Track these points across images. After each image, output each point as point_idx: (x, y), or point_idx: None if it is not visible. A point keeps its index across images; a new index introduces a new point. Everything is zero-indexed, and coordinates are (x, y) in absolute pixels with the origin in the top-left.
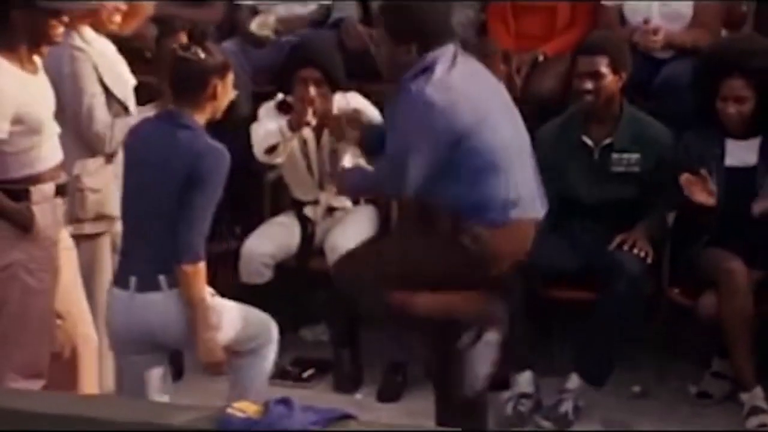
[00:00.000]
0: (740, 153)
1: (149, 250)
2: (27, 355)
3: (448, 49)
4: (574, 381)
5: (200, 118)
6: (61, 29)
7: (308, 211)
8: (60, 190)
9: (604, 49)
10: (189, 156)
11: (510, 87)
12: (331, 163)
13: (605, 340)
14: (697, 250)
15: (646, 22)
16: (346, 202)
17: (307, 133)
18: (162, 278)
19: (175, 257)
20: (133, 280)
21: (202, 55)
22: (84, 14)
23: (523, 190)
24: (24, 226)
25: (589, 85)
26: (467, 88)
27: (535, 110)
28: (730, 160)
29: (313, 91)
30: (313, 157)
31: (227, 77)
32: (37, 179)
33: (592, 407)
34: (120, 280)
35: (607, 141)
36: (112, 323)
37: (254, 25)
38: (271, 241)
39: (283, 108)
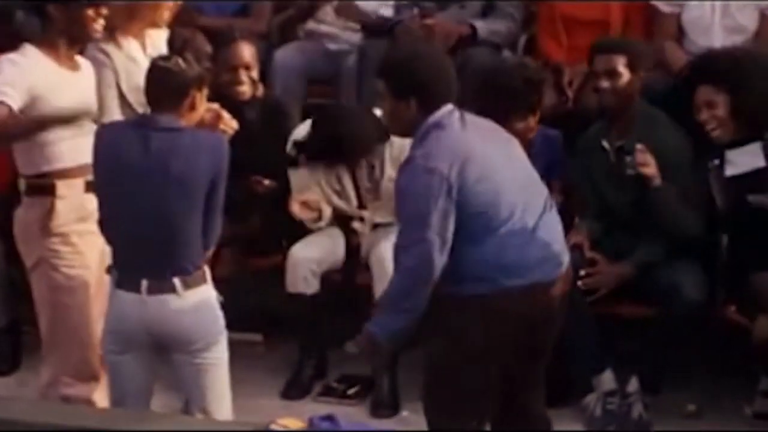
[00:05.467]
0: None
1: (159, 253)
2: (74, 356)
3: (448, 110)
4: (633, 384)
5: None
6: (99, 23)
7: (356, 225)
8: (92, 187)
9: (622, 48)
10: (207, 155)
11: (562, 100)
12: (370, 177)
13: (660, 353)
14: (752, 270)
15: None
16: (390, 218)
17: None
18: (177, 281)
19: (205, 245)
20: (144, 283)
21: (183, 66)
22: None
23: (532, 251)
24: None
25: (606, 83)
26: (472, 149)
27: (587, 123)
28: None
29: None
30: (348, 187)
31: (204, 89)
32: (64, 174)
33: None
34: (126, 283)
35: (620, 143)
36: (121, 324)
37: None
38: (316, 248)
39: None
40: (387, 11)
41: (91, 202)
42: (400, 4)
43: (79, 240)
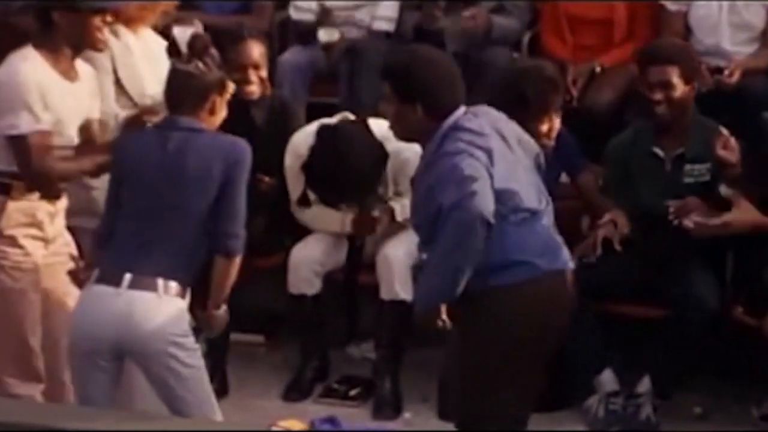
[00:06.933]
0: None
1: (152, 251)
2: (19, 357)
3: (462, 112)
4: (645, 384)
5: None
6: (105, 32)
7: None
8: (46, 194)
9: (675, 59)
10: (221, 157)
11: (566, 99)
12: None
13: (673, 359)
14: (762, 270)
15: (720, 71)
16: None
17: None
18: (160, 281)
19: (221, 249)
20: (127, 277)
21: (203, 70)
22: (134, 16)
23: (550, 242)
24: None
25: (659, 95)
26: (496, 150)
27: (591, 122)
28: None
29: None
30: None
31: (225, 94)
32: (19, 176)
33: None
34: (107, 278)
35: (679, 151)
36: (87, 321)
37: (322, 34)
38: (319, 248)
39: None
40: (381, 25)
41: (42, 211)
42: (404, 5)
43: (27, 243)
